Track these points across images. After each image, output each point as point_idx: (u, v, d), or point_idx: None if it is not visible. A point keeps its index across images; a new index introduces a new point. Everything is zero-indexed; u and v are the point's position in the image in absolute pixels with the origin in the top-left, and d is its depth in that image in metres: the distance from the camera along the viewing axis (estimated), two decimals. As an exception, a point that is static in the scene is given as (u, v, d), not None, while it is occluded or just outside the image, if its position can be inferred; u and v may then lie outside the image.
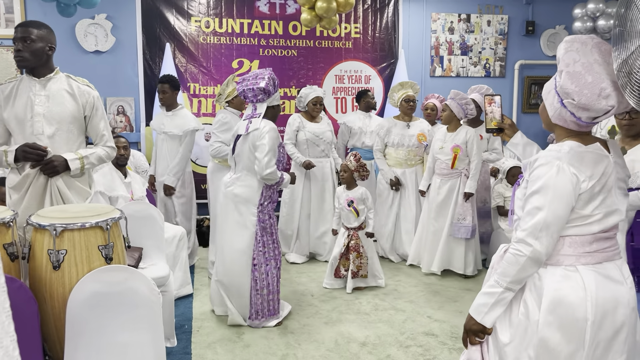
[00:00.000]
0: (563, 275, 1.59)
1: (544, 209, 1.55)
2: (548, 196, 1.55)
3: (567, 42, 1.60)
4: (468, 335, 1.72)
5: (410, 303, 3.90)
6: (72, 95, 2.73)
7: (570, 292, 1.57)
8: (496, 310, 1.64)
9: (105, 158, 2.85)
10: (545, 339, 1.58)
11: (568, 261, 1.60)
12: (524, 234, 1.58)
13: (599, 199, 1.58)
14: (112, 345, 2.10)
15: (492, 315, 1.65)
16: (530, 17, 6.82)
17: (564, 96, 1.57)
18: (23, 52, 2.60)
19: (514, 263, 1.59)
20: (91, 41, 5.74)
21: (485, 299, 1.66)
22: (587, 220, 1.59)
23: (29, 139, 2.64)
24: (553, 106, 1.63)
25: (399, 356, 3.07)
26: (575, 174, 1.55)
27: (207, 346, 3.18)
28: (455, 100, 4.40)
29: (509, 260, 1.60)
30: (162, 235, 3.38)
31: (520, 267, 1.58)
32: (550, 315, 1.57)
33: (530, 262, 1.58)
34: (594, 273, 1.59)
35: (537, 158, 1.62)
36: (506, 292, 1.62)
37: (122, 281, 2.11)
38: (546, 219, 1.55)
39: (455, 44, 6.72)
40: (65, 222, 2.14)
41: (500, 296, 1.63)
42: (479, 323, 1.67)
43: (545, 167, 1.57)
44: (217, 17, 6.05)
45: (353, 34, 6.42)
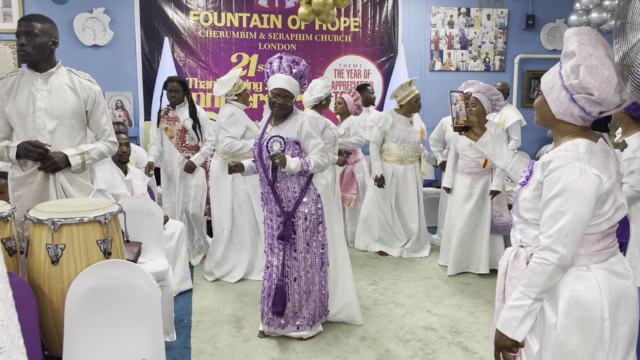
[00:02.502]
0: (577, 276, 1.56)
1: (568, 213, 1.49)
2: (573, 200, 1.49)
3: (577, 34, 1.56)
4: (502, 352, 1.64)
5: (410, 297, 3.91)
6: (73, 90, 2.71)
7: (586, 293, 1.54)
8: (527, 322, 1.58)
9: (107, 153, 2.83)
10: (563, 343, 1.55)
11: (581, 261, 1.57)
12: (549, 241, 1.52)
13: (612, 197, 1.55)
14: (111, 339, 2.09)
15: (523, 328, 1.58)
16: (530, 10, 6.79)
17: (579, 91, 1.52)
18: (27, 46, 2.58)
19: (542, 272, 1.53)
20: (89, 35, 5.72)
21: (514, 312, 1.58)
22: (600, 219, 1.55)
23: (30, 134, 2.62)
24: (559, 102, 1.57)
25: (398, 350, 3.08)
26: (598, 175, 1.50)
27: (207, 340, 3.19)
28: (486, 94, 4.29)
29: (536, 270, 1.54)
30: (161, 229, 3.37)
31: (548, 276, 1.53)
32: (568, 317, 1.54)
33: (558, 269, 1.53)
34: (604, 271, 1.57)
35: (552, 159, 1.55)
36: (536, 303, 1.56)
37: (121, 276, 2.10)
38: (572, 224, 1.49)
39: (455, 38, 6.70)
40: (63, 216, 2.13)
41: (530, 308, 1.56)
42: (511, 339, 1.59)
43: (566, 169, 1.51)
44: (216, 11, 6.03)
45: (352, 28, 6.39)
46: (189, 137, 4.53)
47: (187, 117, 4.47)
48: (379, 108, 6.19)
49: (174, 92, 4.45)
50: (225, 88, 4.27)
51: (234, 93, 4.33)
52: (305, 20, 5.12)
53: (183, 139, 4.52)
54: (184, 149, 4.53)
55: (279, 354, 3.03)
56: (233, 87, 4.29)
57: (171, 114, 4.54)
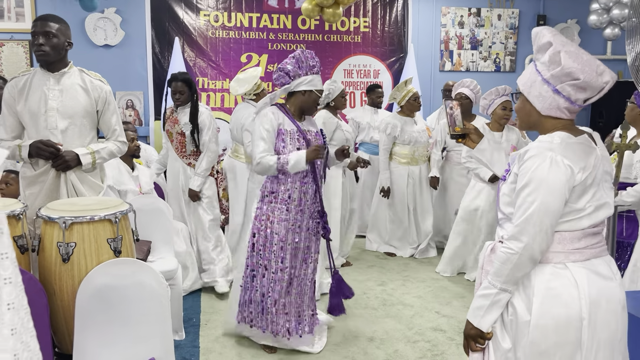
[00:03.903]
0: (553, 273, 1.52)
1: (535, 202, 1.47)
2: (541, 190, 1.46)
3: (546, 29, 1.56)
4: (468, 341, 1.64)
5: (418, 298, 3.90)
6: (85, 90, 2.73)
7: (562, 291, 1.50)
8: (492, 313, 1.56)
9: (117, 152, 2.85)
10: (537, 342, 1.50)
11: (557, 258, 1.53)
12: (515, 230, 1.50)
13: (591, 192, 1.51)
14: (121, 337, 2.11)
15: (488, 318, 1.56)
16: (542, 10, 6.75)
17: (562, 79, 1.49)
18: (45, 46, 2.60)
19: (506, 261, 1.51)
20: (100, 35, 5.76)
21: (480, 301, 1.58)
22: (578, 215, 1.51)
23: (42, 133, 2.65)
24: (542, 97, 1.54)
25: (406, 351, 3.07)
26: (569, 165, 1.47)
27: (215, 339, 3.20)
28: (469, 87, 4.28)
29: (501, 259, 1.52)
30: (171, 228, 3.39)
31: (513, 265, 1.50)
32: (543, 316, 1.49)
33: (524, 259, 1.49)
34: (584, 270, 1.52)
35: (527, 150, 1.53)
36: (501, 294, 1.54)
37: (131, 274, 2.11)
38: (539, 213, 1.46)
39: (465, 39, 6.67)
40: (74, 215, 2.14)
41: (495, 297, 1.54)
42: (476, 327, 1.58)
43: (537, 159, 1.49)
44: (226, 11, 6.05)
45: (362, 28, 6.39)
46: (189, 142, 3.96)
47: (187, 122, 3.87)
48: (388, 108, 6.18)
49: (178, 93, 3.87)
50: (245, 87, 4.19)
51: (252, 92, 4.26)
52: (309, 16, 5.08)
53: (183, 143, 3.96)
54: (184, 156, 3.98)
55: (286, 354, 3.04)
56: (253, 86, 4.26)
57: (174, 114, 4.02)
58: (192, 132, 3.84)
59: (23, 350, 0.64)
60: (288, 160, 2.78)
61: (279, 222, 2.87)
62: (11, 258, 0.65)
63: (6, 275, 0.64)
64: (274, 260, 2.88)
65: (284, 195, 2.87)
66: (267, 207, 2.89)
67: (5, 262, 0.64)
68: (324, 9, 5.05)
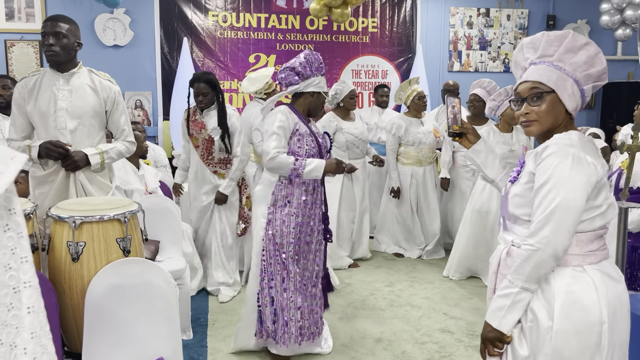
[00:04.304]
0: (573, 277, 1.48)
1: (557, 198, 1.43)
2: (564, 186, 1.43)
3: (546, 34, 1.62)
4: (485, 345, 1.56)
5: (426, 300, 3.88)
6: (94, 90, 2.74)
7: (583, 295, 1.46)
8: (513, 314, 1.50)
9: (125, 153, 2.87)
10: (560, 349, 1.46)
11: (575, 261, 1.50)
12: (537, 226, 1.46)
13: (605, 189, 1.50)
14: (130, 337, 2.11)
15: (509, 319, 1.50)
16: (552, 11, 6.71)
17: (594, 79, 1.55)
18: (55, 46, 2.61)
19: (527, 259, 1.46)
20: (110, 36, 5.79)
21: (500, 301, 1.52)
22: (594, 213, 1.49)
23: (52, 133, 2.66)
24: (574, 96, 1.54)
25: (414, 353, 3.06)
26: (593, 162, 1.46)
27: (223, 339, 3.20)
28: (485, 88, 4.27)
29: (522, 257, 1.48)
30: (179, 228, 3.40)
31: (535, 263, 1.45)
32: (565, 320, 1.45)
33: (546, 257, 1.45)
34: (599, 272, 1.50)
35: (545, 147, 1.51)
36: (522, 293, 1.49)
37: (139, 274, 2.12)
38: (562, 210, 1.43)
39: (474, 39, 6.65)
40: (84, 214, 2.16)
41: (516, 297, 1.49)
42: (495, 329, 1.52)
43: (559, 155, 1.46)
44: (235, 11, 6.06)
45: (370, 29, 6.38)
46: (216, 148, 3.72)
47: (216, 127, 3.64)
48: (396, 109, 6.16)
49: (201, 95, 3.62)
50: (256, 85, 4.15)
51: (263, 92, 4.22)
52: (317, 16, 5.09)
53: (209, 150, 3.72)
54: (211, 162, 3.76)
55: (297, 357, 3.03)
56: (264, 86, 4.24)
57: (198, 117, 3.73)
58: (222, 137, 3.64)
59: (42, 353, 0.66)
60: (305, 165, 2.67)
61: (294, 227, 2.77)
62: (30, 262, 0.66)
63: (26, 279, 0.65)
64: (291, 265, 2.78)
65: (299, 200, 2.78)
66: (281, 212, 2.76)
67: (25, 266, 0.65)
68: (332, 9, 5.05)
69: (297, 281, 2.81)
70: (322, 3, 4.95)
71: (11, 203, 0.63)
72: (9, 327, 0.62)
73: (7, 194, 0.61)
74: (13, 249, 0.63)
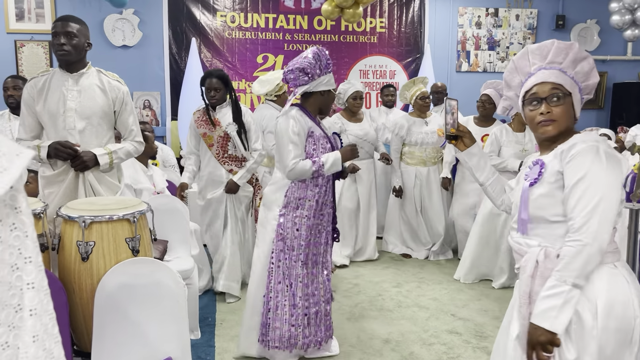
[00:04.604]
0: (610, 274, 1.51)
1: (598, 193, 1.47)
2: (602, 181, 1.47)
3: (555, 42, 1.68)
4: (535, 350, 1.51)
5: (434, 301, 3.87)
6: (102, 90, 2.75)
7: (620, 291, 1.49)
8: (566, 312, 1.47)
9: (134, 153, 2.88)
10: (604, 346, 1.47)
11: (609, 258, 1.53)
12: (582, 221, 1.47)
13: None
14: (139, 336, 2.12)
15: (562, 319, 1.47)
16: (561, 11, 6.67)
17: (591, 89, 1.65)
18: (66, 45, 2.63)
19: (576, 254, 1.46)
20: (119, 36, 5.82)
21: (551, 301, 1.48)
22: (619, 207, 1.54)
23: (61, 134, 2.67)
24: (579, 102, 1.65)
25: (422, 354, 3.05)
26: (621, 157, 1.53)
27: (231, 339, 3.21)
28: (496, 88, 4.26)
29: (571, 254, 1.47)
30: (188, 228, 3.41)
31: (585, 257, 1.46)
32: (608, 318, 1.47)
33: (594, 251, 1.46)
34: (625, 269, 1.55)
35: (572, 145, 1.54)
36: (574, 290, 1.47)
37: (149, 274, 2.13)
38: (604, 205, 1.46)
39: (482, 39, 6.62)
40: (93, 214, 2.17)
41: (568, 295, 1.47)
42: (547, 331, 1.47)
43: (590, 152, 1.50)
44: (243, 11, 6.08)
45: (378, 29, 6.37)
46: (232, 145, 3.68)
47: (231, 122, 3.62)
48: (404, 109, 6.15)
49: (213, 90, 3.61)
50: (267, 87, 4.14)
51: (274, 94, 4.19)
52: (329, 17, 5.10)
53: (225, 148, 3.67)
54: (226, 161, 3.70)
55: (302, 354, 3.04)
56: (275, 87, 4.22)
57: (213, 115, 3.69)
58: (239, 133, 3.61)
59: (45, 357, 0.65)
60: (324, 163, 2.69)
61: (305, 230, 2.74)
62: (35, 262, 0.65)
63: (29, 280, 0.64)
64: (300, 268, 2.74)
65: (312, 201, 2.74)
66: (293, 215, 2.72)
67: (29, 267, 0.64)
68: (344, 10, 5.05)
69: (305, 285, 2.77)
70: (333, 4, 4.96)
71: (17, 201, 0.62)
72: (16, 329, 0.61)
73: (12, 192, 0.60)
74: (20, 249, 0.62)
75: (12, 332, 0.61)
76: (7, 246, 0.60)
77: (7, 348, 0.61)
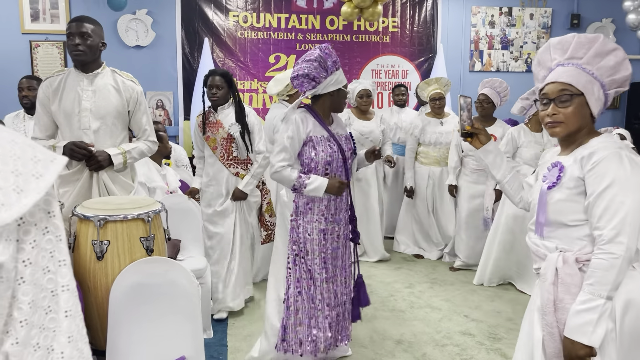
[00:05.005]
0: (629, 276, 1.49)
1: (626, 202, 1.45)
2: (629, 188, 1.46)
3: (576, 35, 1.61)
4: None
5: (447, 302, 3.85)
6: (117, 90, 2.77)
7: (637, 294, 1.48)
8: (602, 325, 1.48)
9: (147, 152, 2.89)
10: (623, 348, 1.48)
11: None
12: (613, 233, 1.46)
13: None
14: (153, 335, 2.13)
15: (599, 332, 1.47)
16: (576, 9, 6.60)
17: (620, 84, 1.55)
18: (81, 46, 2.65)
19: (610, 267, 1.46)
20: (132, 36, 5.86)
21: (586, 316, 1.48)
22: None
23: (76, 133, 2.70)
24: (600, 100, 1.56)
25: (435, 355, 3.03)
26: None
27: (243, 339, 3.21)
28: (495, 89, 4.24)
29: (604, 267, 1.47)
30: (200, 228, 3.42)
31: (617, 270, 1.45)
32: (625, 319, 1.48)
33: (626, 262, 1.46)
34: None
35: (593, 152, 1.52)
36: (608, 303, 1.48)
37: (163, 273, 2.14)
38: (632, 213, 1.45)
39: (495, 38, 6.57)
40: (108, 213, 2.18)
41: (603, 308, 1.47)
42: (586, 346, 1.48)
43: (614, 159, 1.48)
44: (255, 11, 6.08)
45: (391, 28, 6.35)
46: (236, 147, 3.47)
47: (234, 122, 3.43)
48: (416, 108, 6.13)
49: (215, 88, 3.41)
50: (278, 87, 4.11)
51: (285, 93, 4.15)
52: (348, 19, 5.11)
53: (229, 150, 3.46)
54: (231, 164, 3.48)
55: None
56: (285, 87, 4.22)
57: (212, 117, 3.49)
58: (242, 134, 3.41)
59: (79, 357, 0.67)
60: (307, 184, 2.59)
61: (318, 233, 2.67)
62: (68, 265, 0.67)
63: (64, 282, 0.66)
64: (317, 272, 2.68)
65: (321, 206, 2.68)
66: (304, 220, 2.68)
67: (63, 269, 0.66)
68: (363, 10, 5.04)
69: (324, 289, 2.70)
70: (352, 5, 4.96)
71: (50, 206, 0.64)
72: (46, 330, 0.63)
73: (47, 197, 0.62)
74: (52, 252, 0.63)
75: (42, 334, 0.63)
76: (40, 249, 0.61)
77: (38, 349, 0.62)
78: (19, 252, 0.59)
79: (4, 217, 0.55)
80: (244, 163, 3.52)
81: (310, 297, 2.68)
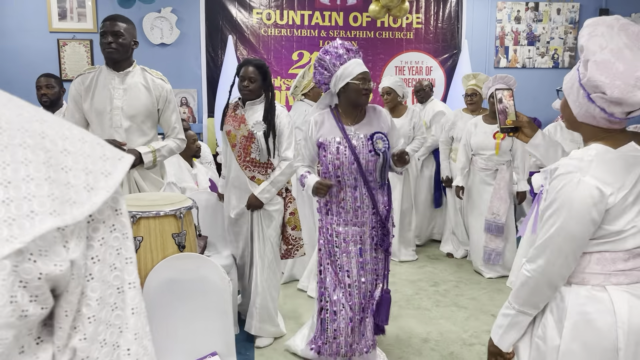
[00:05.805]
0: (589, 297, 1.38)
1: (555, 225, 1.36)
2: (562, 212, 1.35)
3: (590, 26, 1.37)
4: (489, 358, 1.57)
5: (472, 300, 3.81)
6: (147, 89, 2.79)
7: (597, 317, 1.36)
8: (511, 334, 1.49)
9: (176, 150, 2.91)
10: None
11: (595, 280, 1.39)
12: (534, 253, 1.42)
13: (634, 210, 1.35)
14: (185, 331, 2.15)
15: (506, 338, 1.49)
16: (604, 4, 6.47)
17: (592, 90, 1.33)
18: (114, 44, 2.68)
19: (524, 284, 1.44)
20: (157, 34, 5.91)
21: (500, 320, 1.52)
22: (619, 236, 1.36)
23: (107, 132, 2.73)
24: (578, 102, 1.38)
25: (462, 354, 3.01)
26: (599, 187, 1.32)
27: (270, 335, 3.22)
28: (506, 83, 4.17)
29: (520, 281, 1.46)
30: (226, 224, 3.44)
31: (530, 289, 1.42)
32: (574, 342, 1.37)
33: (541, 284, 1.41)
34: (627, 295, 1.36)
35: (557, 166, 1.41)
36: (520, 316, 1.46)
37: (195, 269, 2.16)
38: (558, 238, 1.36)
39: (521, 34, 6.47)
40: (141, 209, 2.20)
41: (514, 319, 1.47)
42: (495, 345, 1.53)
43: (564, 179, 1.36)
44: (278, 9, 6.09)
45: (415, 25, 6.30)
46: (256, 148, 3.00)
47: (259, 121, 2.97)
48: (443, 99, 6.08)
49: (247, 80, 2.96)
50: (293, 85, 4.15)
51: (299, 92, 4.12)
52: (376, 17, 5.11)
53: (247, 150, 3.00)
54: (248, 165, 3.03)
55: None
56: (293, 89, 4.13)
57: (239, 111, 3.05)
58: (265, 135, 2.95)
59: (144, 354, 0.68)
60: (304, 183, 2.66)
61: (337, 236, 2.63)
62: (134, 263, 0.67)
63: (130, 280, 0.66)
64: (341, 273, 2.62)
65: (338, 207, 2.62)
66: (326, 220, 2.66)
67: (130, 267, 0.66)
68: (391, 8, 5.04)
69: (350, 293, 2.62)
70: (379, 5, 4.95)
71: (118, 204, 0.64)
72: (112, 327, 0.64)
73: (114, 195, 0.63)
74: (118, 250, 0.64)
75: (109, 330, 0.63)
76: (108, 247, 0.62)
77: (104, 345, 0.63)
78: (88, 249, 0.60)
79: (75, 215, 0.56)
80: (262, 167, 3.03)
81: (336, 299, 2.62)
